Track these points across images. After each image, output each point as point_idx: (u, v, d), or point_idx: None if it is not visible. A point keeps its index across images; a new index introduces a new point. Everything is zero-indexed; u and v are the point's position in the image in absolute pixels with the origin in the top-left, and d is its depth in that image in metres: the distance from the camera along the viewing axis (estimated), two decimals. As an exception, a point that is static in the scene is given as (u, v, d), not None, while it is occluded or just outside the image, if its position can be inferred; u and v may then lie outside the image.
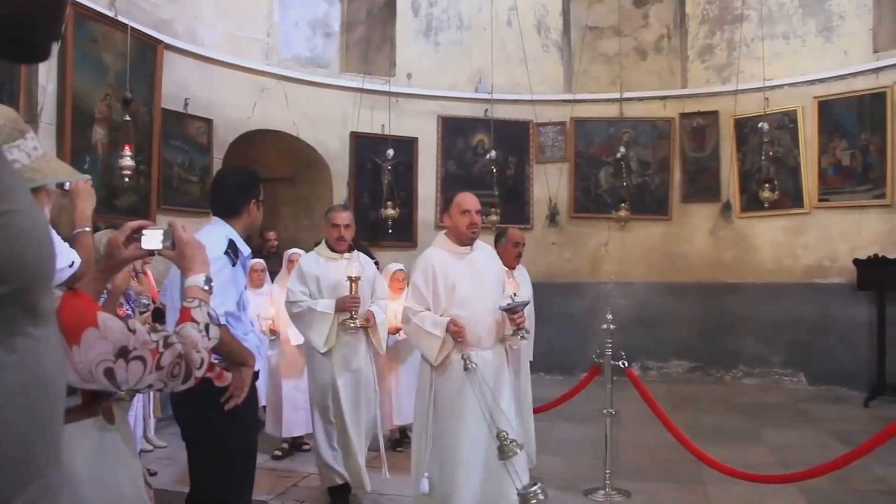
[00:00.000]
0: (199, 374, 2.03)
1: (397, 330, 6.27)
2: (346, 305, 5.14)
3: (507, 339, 4.67)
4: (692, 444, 5.49)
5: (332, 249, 5.44)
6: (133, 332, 1.88)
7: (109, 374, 1.86)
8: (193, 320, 2.07)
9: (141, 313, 5.11)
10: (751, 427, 7.66)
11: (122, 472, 2.12)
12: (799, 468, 5.19)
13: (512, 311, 4.48)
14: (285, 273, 6.70)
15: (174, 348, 1.94)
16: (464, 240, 4.64)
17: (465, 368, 4.31)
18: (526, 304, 4.63)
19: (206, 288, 2.20)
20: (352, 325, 5.15)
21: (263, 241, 9.26)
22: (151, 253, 2.26)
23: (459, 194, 4.72)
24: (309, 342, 5.29)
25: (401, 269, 7.24)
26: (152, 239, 2.22)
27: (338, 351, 5.27)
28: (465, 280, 4.54)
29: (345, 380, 5.28)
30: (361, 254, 5.62)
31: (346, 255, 5.42)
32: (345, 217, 5.46)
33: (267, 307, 6.93)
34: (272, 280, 7.43)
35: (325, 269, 5.36)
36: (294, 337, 6.37)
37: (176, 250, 2.23)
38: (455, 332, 4.38)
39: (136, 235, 2.24)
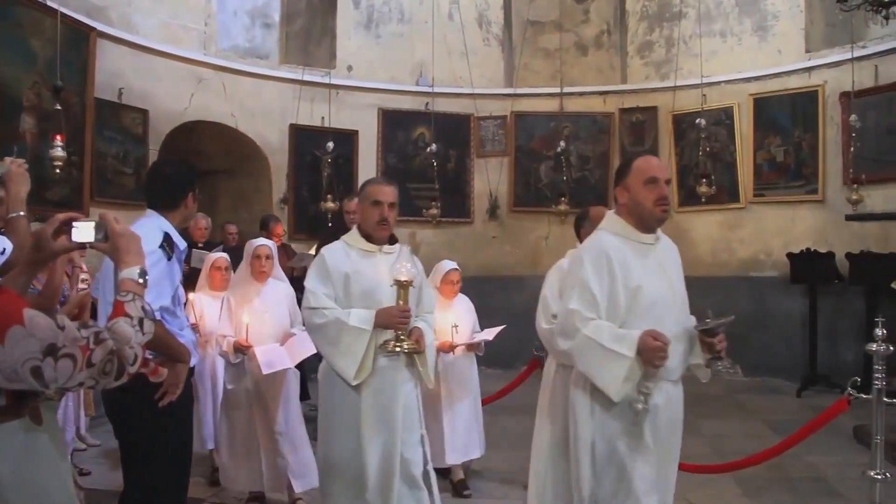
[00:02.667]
0: (132, 370, 1.96)
1: (451, 347, 5.44)
2: (392, 321, 3.64)
3: (694, 369, 3.36)
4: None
5: (369, 239, 3.88)
6: (62, 328, 1.81)
7: (37, 372, 1.78)
8: (127, 315, 2.00)
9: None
10: (688, 418, 7.70)
11: (51, 475, 2.04)
12: (734, 458, 5.30)
13: (711, 333, 3.16)
14: (246, 271, 5.25)
15: (106, 344, 1.87)
16: (650, 222, 3.28)
17: (638, 409, 3.08)
18: (730, 321, 3.17)
19: (141, 281, 2.12)
20: (398, 348, 3.67)
21: (268, 234, 8.11)
22: (83, 246, 2.16)
23: (640, 158, 3.37)
24: (332, 369, 3.75)
25: (455, 269, 5.74)
26: (84, 231, 2.12)
27: (371, 384, 3.71)
28: (652, 281, 3.21)
29: (378, 429, 3.72)
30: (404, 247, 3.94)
31: (388, 247, 3.91)
32: (389, 192, 3.87)
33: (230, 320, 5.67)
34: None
35: (357, 265, 3.80)
36: (267, 363, 4.93)
37: (109, 243, 2.13)
38: (654, 351, 3.00)
39: (65, 228, 2.15)
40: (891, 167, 8.64)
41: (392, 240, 3.94)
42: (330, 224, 9.74)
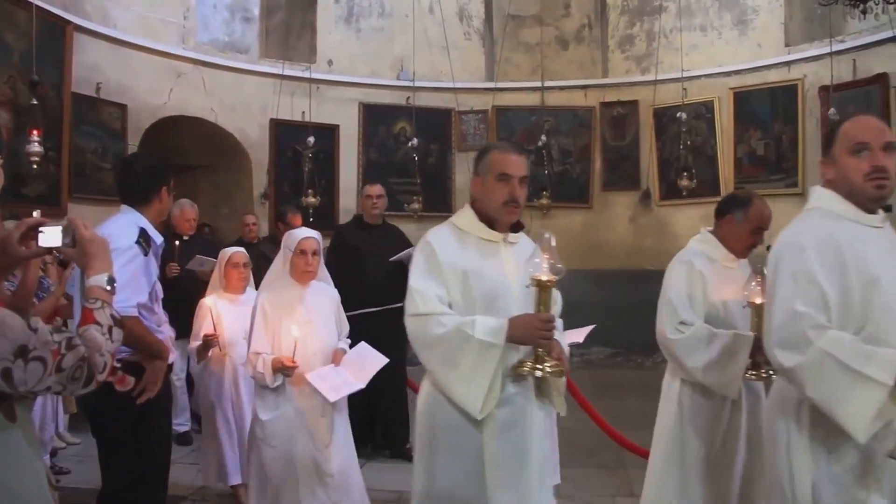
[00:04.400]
0: (101, 377, 1.94)
1: None
2: (532, 333, 2.70)
3: None
4: (614, 430, 5.55)
5: (492, 225, 2.93)
6: (34, 330, 1.78)
7: (6, 374, 1.76)
8: (96, 322, 1.98)
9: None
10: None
11: (24, 473, 1.99)
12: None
13: None
14: (283, 270, 4.21)
15: (77, 350, 1.85)
16: (873, 196, 2.53)
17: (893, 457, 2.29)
18: None
19: (109, 288, 2.09)
20: (537, 371, 2.72)
21: (285, 227, 7.34)
22: (49, 251, 2.13)
23: (850, 120, 2.62)
24: (447, 396, 2.79)
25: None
26: (51, 236, 2.08)
27: (496, 416, 2.79)
28: (890, 271, 2.46)
29: (510, 477, 2.81)
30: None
31: (512, 236, 2.99)
32: (521, 164, 2.96)
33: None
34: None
35: (475, 258, 2.85)
36: (332, 388, 4.00)
37: (77, 248, 2.10)
38: None
39: (32, 233, 2.10)
40: (869, 160, 8.72)
41: (516, 226, 3.02)
42: (311, 220, 9.20)
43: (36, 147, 6.77)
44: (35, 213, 2.11)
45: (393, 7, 10.96)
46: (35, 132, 6.79)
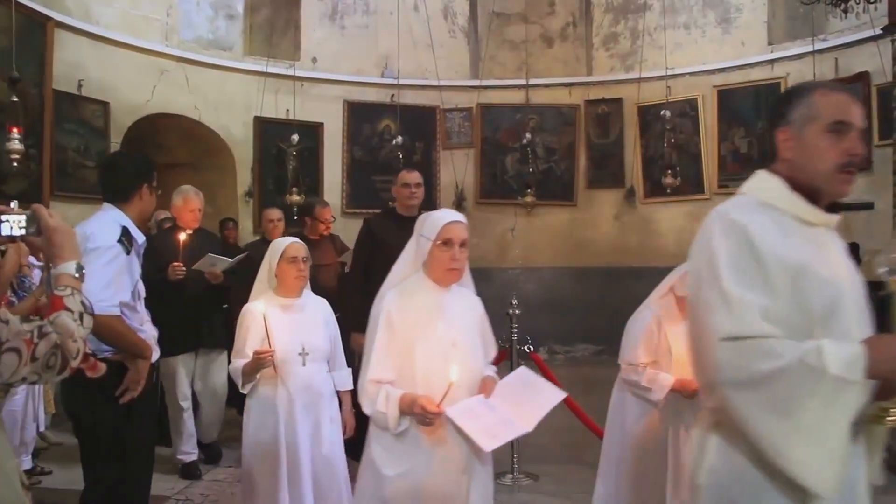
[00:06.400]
0: (74, 364, 1.92)
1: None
2: None
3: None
4: (597, 426, 5.56)
5: (814, 200, 2.05)
6: (5, 322, 1.76)
7: None
8: (67, 309, 1.94)
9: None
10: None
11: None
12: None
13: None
14: (415, 259, 3.04)
15: (49, 338, 1.82)
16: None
17: None
18: None
19: (78, 276, 2.04)
20: None
21: (313, 221, 6.65)
22: (13, 240, 2.07)
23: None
24: (777, 460, 1.81)
25: None
26: (14, 225, 2.00)
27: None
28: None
29: None
30: None
31: (833, 218, 2.10)
32: (858, 111, 2.04)
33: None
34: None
35: (806, 251, 1.95)
36: (483, 432, 2.76)
37: (42, 237, 2.04)
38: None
39: None
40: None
41: (834, 205, 2.10)
42: (295, 217, 9.17)
43: (16, 144, 6.70)
44: (12, 204, 2.05)
45: (377, 4, 10.92)
46: (15, 129, 6.72)
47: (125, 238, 3.21)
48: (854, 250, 7.56)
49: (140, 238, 3.37)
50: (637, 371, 3.82)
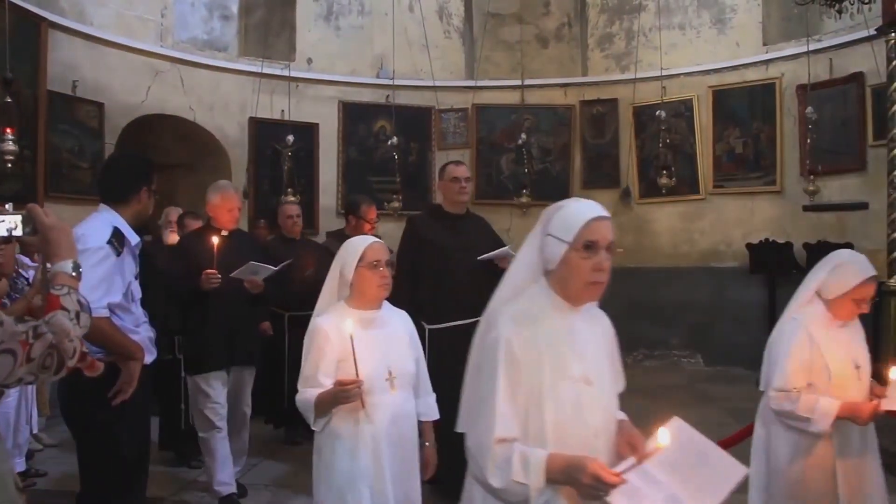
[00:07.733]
0: (71, 363, 1.90)
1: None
2: None
3: None
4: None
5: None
6: (0, 323, 1.74)
7: None
8: (63, 308, 1.93)
9: None
10: (651, 409, 7.81)
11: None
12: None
13: None
14: (536, 269, 2.40)
15: (45, 338, 1.81)
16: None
17: None
18: None
19: (74, 274, 2.04)
20: None
21: (357, 220, 6.36)
22: (8, 240, 2.06)
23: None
24: None
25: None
26: (10, 224, 2.01)
27: None
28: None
29: None
30: None
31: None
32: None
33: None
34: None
35: None
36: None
37: (38, 236, 2.03)
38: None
39: None
40: (845, 159, 8.86)
41: None
42: None
43: (10, 145, 6.71)
44: (8, 206, 2.04)
45: (372, 5, 10.92)
46: (9, 130, 6.72)
47: (115, 239, 3.19)
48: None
49: (134, 239, 3.35)
50: (791, 398, 3.24)
